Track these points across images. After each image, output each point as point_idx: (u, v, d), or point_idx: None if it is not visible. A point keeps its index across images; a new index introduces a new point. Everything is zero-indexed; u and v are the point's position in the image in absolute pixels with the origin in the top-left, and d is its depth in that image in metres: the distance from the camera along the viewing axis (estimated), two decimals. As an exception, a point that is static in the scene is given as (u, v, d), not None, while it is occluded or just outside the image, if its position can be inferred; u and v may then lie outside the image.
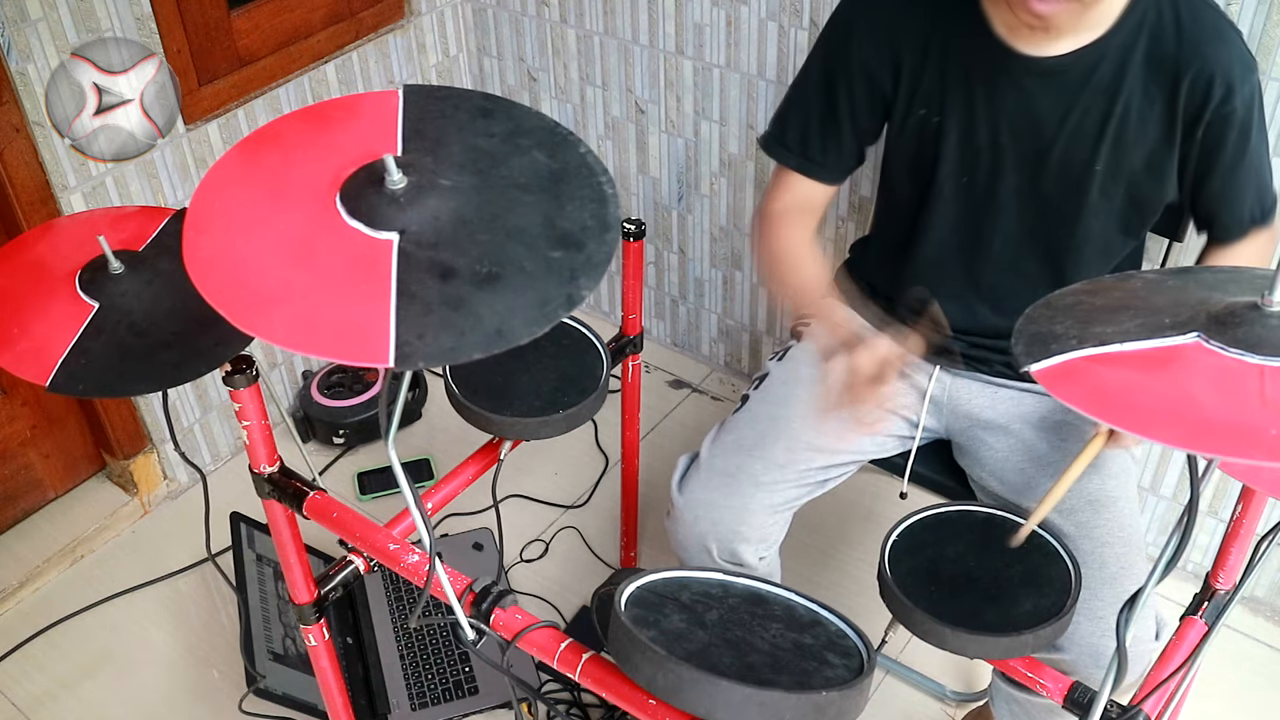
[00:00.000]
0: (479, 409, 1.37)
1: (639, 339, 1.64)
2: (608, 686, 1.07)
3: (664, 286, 2.52)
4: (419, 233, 0.82)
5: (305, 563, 1.28)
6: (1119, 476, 1.42)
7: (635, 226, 1.51)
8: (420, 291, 0.79)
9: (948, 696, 1.86)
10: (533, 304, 0.78)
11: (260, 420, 1.17)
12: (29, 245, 1.18)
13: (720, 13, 2.04)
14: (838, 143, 1.46)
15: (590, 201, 0.85)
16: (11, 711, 1.90)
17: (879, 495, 2.15)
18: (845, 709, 0.98)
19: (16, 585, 2.07)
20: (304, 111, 0.98)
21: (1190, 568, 2.02)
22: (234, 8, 2.01)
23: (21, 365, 1.06)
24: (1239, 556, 1.08)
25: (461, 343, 0.77)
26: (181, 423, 2.22)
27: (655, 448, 2.30)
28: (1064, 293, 0.94)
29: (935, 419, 1.57)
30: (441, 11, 2.37)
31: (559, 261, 0.81)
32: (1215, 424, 0.72)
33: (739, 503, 1.42)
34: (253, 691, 1.75)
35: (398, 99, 0.93)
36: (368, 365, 0.81)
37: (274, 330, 0.78)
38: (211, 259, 0.83)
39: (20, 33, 1.73)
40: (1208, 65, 1.28)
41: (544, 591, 2.05)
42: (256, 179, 0.90)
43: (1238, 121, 1.31)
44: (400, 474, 0.95)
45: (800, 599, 1.14)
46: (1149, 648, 1.32)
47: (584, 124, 2.38)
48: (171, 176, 2.01)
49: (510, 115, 0.92)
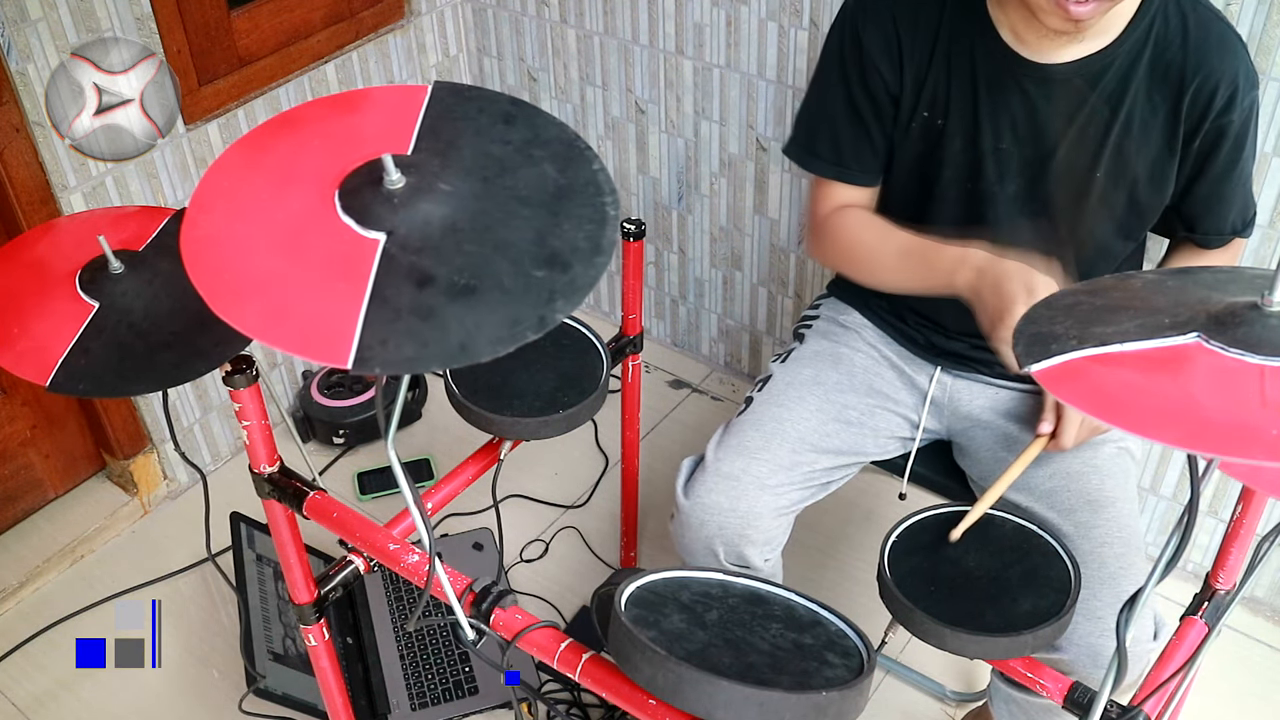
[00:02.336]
0: (479, 409, 1.37)
1: (639, 339, 1.64)
2: (608, 686, 1.07)
3: (664, 286, 2.52)
4: (406, 236, 0.80)
5: (305, 563, 1.28)
6: (1119, 476, 1.42)
7: (635, 226, 1.51)
8: (393, 296, 0.77)
9: (948, 696, 1.86)
10: (503, 322, 0.76)
11: (260, 420, 1.17)
12: (29, 245, 1.18)
13: (720, 13, 2.04)
14: (869, 144, 1.45)
15: (588, 222, 0.83)
16: (11, 711, 1.90)
17: (879, 495, 2.15)
18: (845, 709, 0.98)
19: (16, 585, 2.07)
20: (330, 99, 0.96)
21: (1190, 568, 2.02)
22: (234, 8, 2.01)
23: (21, 365, 1.06)
24: (1239, 556, 1.08)
25: (423, 354, 0.75)
26: (181, 423, 2.22)
27: (655, 448, 2.30)
28: (1064, 293, 0.94)
29: (935, 420, 1.57)
30: (441, 11, 2.37)
31: (540, 281, 0.78)
32: (1215, 424, 0.72)
33: (745, 506, 1.42)
34: (253, 691, 1.75)
35: (424, 95, 0.92)
36: (325, 364, 0.81)
37: (246, 319, 0.77)
38: (206, 239, 0.83)
39: (20, 33, 1.73)
40: (1213, 75, 1.29)
41: (544, 591, 2.05)
42: (267, 164, 0.89)
43: (1233, 133, 1.33)
44: (400, 474, 0.95)
45: (800, 599, 1.14)
46: (1148, 648, 1.32)
47: (584, 124, 2.38)
48: (171, 176, 2.02)
49: (532, 124, 0.90)
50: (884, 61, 1.39)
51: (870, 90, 1.41)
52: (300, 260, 0.81)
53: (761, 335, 2.42)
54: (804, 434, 1.48)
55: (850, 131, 1.44)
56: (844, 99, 1.43)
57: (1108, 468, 1.42)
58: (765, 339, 2.42)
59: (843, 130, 1.45)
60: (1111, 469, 1.42)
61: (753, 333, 2.43)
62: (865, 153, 1.45)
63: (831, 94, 1.44)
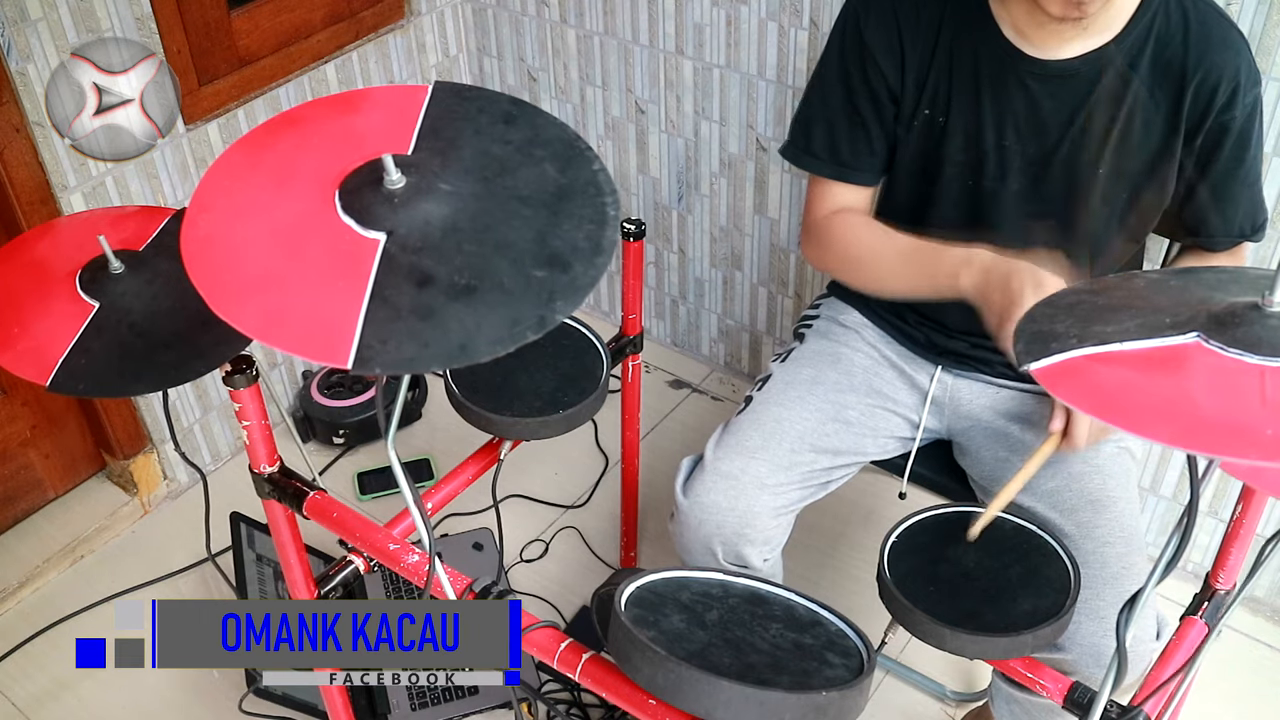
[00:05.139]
0: (479, 409, 1.37)
1: (639, 339, 1.64)
2: (608, 686, 1.07)
3: (664, 286, 2.52)
4: (406, 236, 0.80)
5: (305, 563, 1.28)
6: (1120, 476, 1.42)
7: (635, 226, 1.51)
8: (393, 296, 0.77)
9: (948, 696, 1.86)
10: (503, 322, 0.76)
11: (260, 420, 1.17)
12: (29, 245, 1.18)
13: (720, 13, 2.04)
14: (868, 144, 1.44)
15: (588, 222, 0.83)
16: (11, 711, 1.90)
17: (879, 495, 2.15)
18: (845, 709, 0.98)
19: (16, 585, 2.07)
20: (330, 99, 0.97)
21: (1190, 568, 2.02)
22: (234, 8, 2.01)
23: (22, 365, 1.06)
24: (1239, 556, 1.08)
25: (422, 354, 0.75)
26: (181, 423, 2.22)
27: (655, 448, 2.30)
28: (1066, 291, 0.94)
29: (936, 419, 1.57)
30: (441, 11, 2.37)
31: (541, 281, 0.78)
32: (1214, 424, 0.72)
33: (744, 505, 1.42)
34: (253, 691, 1.75)
35: (425, 95, 0.92)
36: (326, 364, 0.81)
37: (246, 319, 0.77)
38: (206, 239, 0.83)
39: (20, 33, 1.73)
40: (1214, 72, 1.28)
41: (544, 591, 2.05)
42: (268, 163, 0.89)
43: (1236, 130, 1.32)
44: (400, 474, 0.95)
45: (800, 599, 1.14)
46: (1150, 648, 1.32)
47: (584, 124, 2.38)
48: (171, 176, 2.02)
49: (532, 124, 0.90)
50: (886, 59, 1.38)
51: (871, 88, 1.41)
52: (300, 260, 0.81)
53: (761, 335, 2.42)
54: (803, 433, 1.48)
55: (848, 130, 1.44)
56: (843, 97, 1.43)
57: (1109, 467, 1.42)
58: (765, 339, 2.42)
59: (841, 129, 1.44)
60: (1113, 469, 1.42)
61: (753, 333, 2.43)
62: (863, 152, 1.45)
63: (831, 93, 1.44)
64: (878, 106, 1.41)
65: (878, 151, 1.45)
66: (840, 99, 1.43)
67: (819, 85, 1.46)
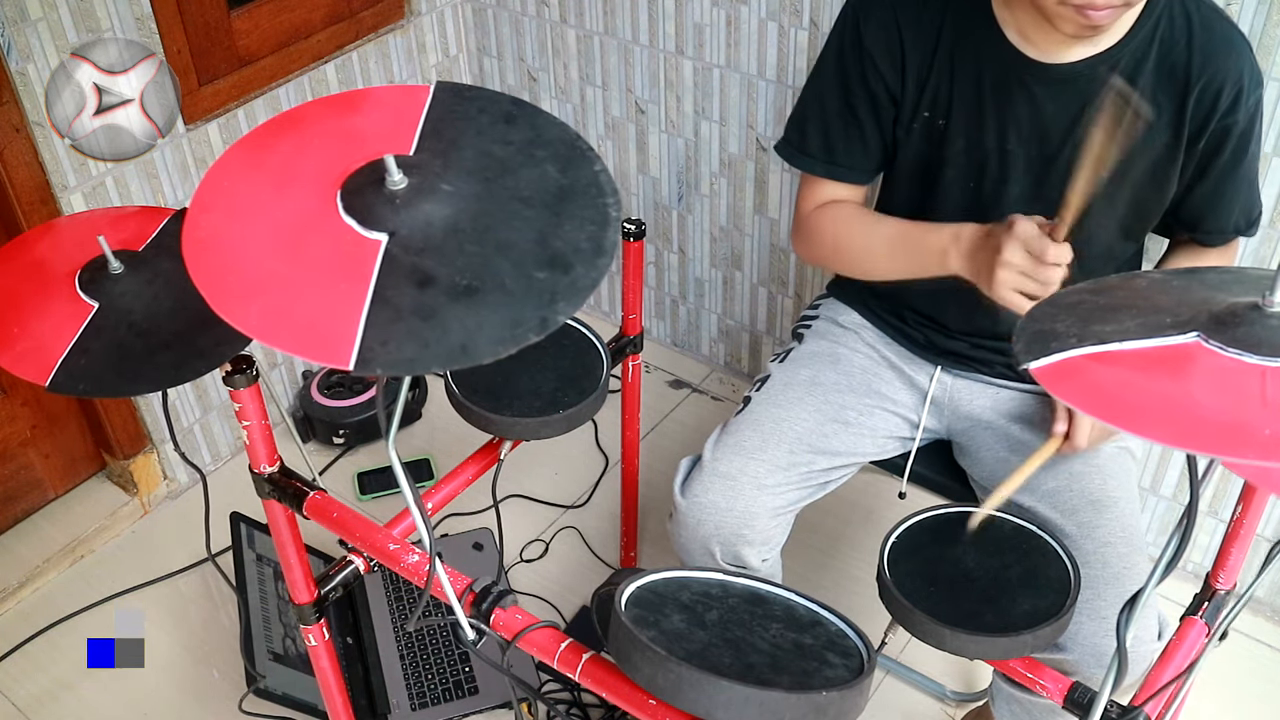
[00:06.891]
0: (479, 409, 1.37)
1: (639, 339, 1.64)
2: (608, 686, 1.07)
3: (664, 286, 2.52)
4: (408, 236, 0.80)
5: (305, 563, 1.28)
6: (1120, 476, 1.42)
7: (635, 226, 1.51)
8: (395, 297, 0.77)
9: (948, 696, 1.86)
10: (504, 323, 0.76)
11: (260, 420, 1.17)
12: (29, 245, 1.18)
13: (720, 13, 2.04)
14: (862, 144, 1.44)
15: (590, 223, 0.82)
16: (11, 711, 1.90)
17: (879, 495, 2.15)
18: (845, 709, 0.98)
19: (16, 585, 2.07)
20: (331, 99, 0.96)
21: (1190, 568, 2.02)
22: (234, 8, 2.01)
23: (21, 365, 1.06)
24: (1239, 556, 1.08)
25: (423, 355, 0.75)
26: (181, 423, 2.22)
27: (655, 448, 2.30)
28: (1068, 291, 0.94)
29: (936, 419, 1.57)
30: (441, 11, 2.37)
31: (542, 282, 0.78)
32: (1214, 424, 0.72)
33: (742, 506, 1.42)
34: (253, 691, 1.75)
35: (426, 95, 0.92)
36: (326, 365, 0.81)
37: (247, 319, 0.77)
38: (206, 240, 0.83)
39: (20, 33, 1.73)
40: (1218, 76, 1.29)
41: (544, 591, 2.05)
42: (269, 164, 0.89)
43: (1238, 132, 1.32)
44: (400, 474, 0.95)
45: (800, 599, 1.14)
46: (1151, 648, 1.32)
47: (584, 124, 2.38)
48: (171, 176, 2.02)
49: (533, 124, 0.90)
50: (885, 61, 1.38)
51: (870, 90, 1.40)
52: (302, 261, 0.81)
53: (761, 335, 2.42)
54: (802, 434, 1.48)
55: (843, 129, 1.44)
56: (839, 96, 1.43)
57: (1110, 468, 1.42)
58: (765, 339, 2.42)
59: (835, 127, 1.45)
60: (1113, 469, 1.42)
61: (752, 333, 2.43)
62: (857, 151, 1.45)
63: (827, 91, 1.44)
64: (875, 108, 1.42)
65: (872, 153, 1.46)
66: (837, 99, 1.43)
67: (815, 85, 1.46)
